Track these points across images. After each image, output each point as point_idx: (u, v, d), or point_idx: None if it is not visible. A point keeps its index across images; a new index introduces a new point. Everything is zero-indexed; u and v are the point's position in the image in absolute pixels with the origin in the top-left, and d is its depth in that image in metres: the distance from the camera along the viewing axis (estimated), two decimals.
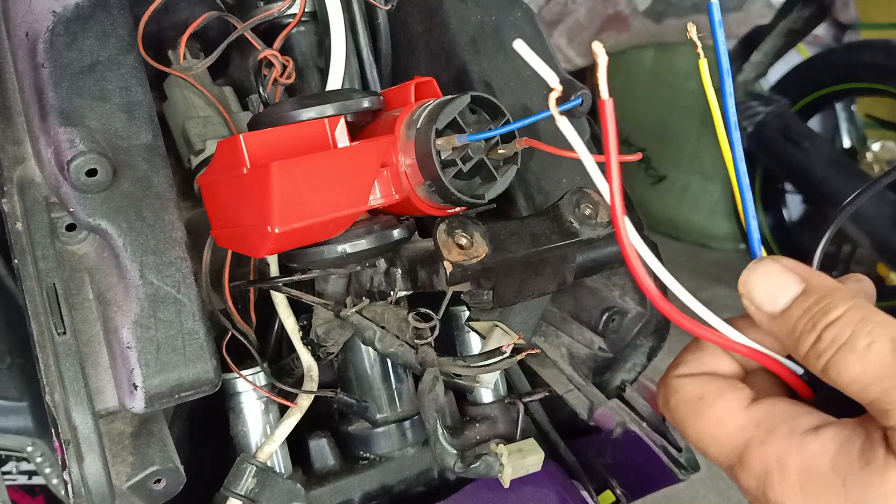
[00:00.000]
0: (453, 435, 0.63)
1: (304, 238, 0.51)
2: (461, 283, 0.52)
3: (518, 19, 0.71)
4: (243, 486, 0.58)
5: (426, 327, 0.54)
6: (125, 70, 0.55)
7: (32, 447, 0.91)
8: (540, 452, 0.62)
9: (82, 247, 0.55)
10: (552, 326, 0.75)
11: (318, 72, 0.66)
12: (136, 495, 0.53)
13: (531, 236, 0.53)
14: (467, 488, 0.64)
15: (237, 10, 0.65)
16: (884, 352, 0.36)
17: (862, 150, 2.54)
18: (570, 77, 0.69)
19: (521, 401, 0.70)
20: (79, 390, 0.51)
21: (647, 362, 0.76)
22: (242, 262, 0.63)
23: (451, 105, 0.50)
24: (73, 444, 0.51)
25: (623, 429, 0.71)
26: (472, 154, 0.51)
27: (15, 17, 0.55)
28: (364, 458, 0.67)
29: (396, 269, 0.58)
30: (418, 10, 0.71)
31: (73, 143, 0.51)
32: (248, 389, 0.63)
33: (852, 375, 0.37)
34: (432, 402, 0.55)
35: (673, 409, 0.44)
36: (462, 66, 0.68)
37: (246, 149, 0.49)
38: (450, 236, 0.50)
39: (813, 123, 2.49)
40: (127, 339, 0.51)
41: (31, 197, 0.54)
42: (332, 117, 0.53)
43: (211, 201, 0.55)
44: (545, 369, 0.73)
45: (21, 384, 0.90)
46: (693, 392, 0.44)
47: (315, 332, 0.63)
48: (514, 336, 0.56)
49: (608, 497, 0.76)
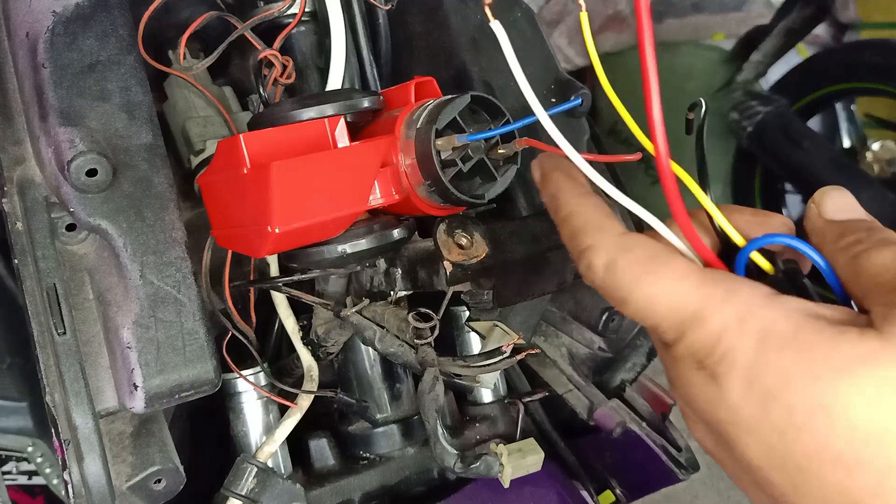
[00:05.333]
0: (453, 435, 0.63)
1: (304, 238, 0.51)
2: (461, 283, 0.52)
3: (518, 19, 0.71)
4: (243, 486, 0.58)
5: (426, 327, 0.54)
6: (125, 70, 0.55)
7: (32, 447, 0.91)
8: (540, 452, 0.62)
9: (82, 247, 0.55)
10: (552, 326, 0.75)
11: (318, 72, 0.66)
12: (137, 495, 0.53)
13: (531, 236, 0.53)
14: (467, 488, 0.64)
15: (237, 10, 0.65)
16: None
17: (862, 149, 2.54)
18: (570, 77, 0.69)
19: (521, 401, 0.70)
20: (79, 390, 0.51)
21: (646, 362, 0.76)
22: (242, 262, 0.63)
23: (451, 105, 0.50)
24: (73, 444, 0.51)
25: (623, 429, 0.71)
26: (472, 154, 0.51)
27: (15, 17, 0.55)
28: (364, 458, 0.67)
29: (396, 269, 0.58)
30: (418, 10, 0.71)
31: (73, 143, 0.51)
32: (249, 389, 0.63)
33: (881, 260, 0.37)
34: (432, 402, 0.55)
35: (621, 271, 0.41)
36: (462, 66, 0.68)
37: (246, 149, 0.49)
38: (450, 236, 0.50)
39: (813, 123, 2.49)
40: (127, 339, 0.51)
41: (32, 197, 0.54)
42: (332, 117, 0.53)
43: (211, 201, 0.55)
44: (545, 369, 0.73)
45: (21, 384, 0.90)
46: (647, 251, 0.41)
47: (315, 332, 0.63)
48: (514, 336, 0.56)
49: (608, 497, 0.76)
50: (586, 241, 0.43)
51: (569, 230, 0.44)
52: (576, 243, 0.43)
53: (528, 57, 0.69)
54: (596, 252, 0.42)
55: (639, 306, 0.40)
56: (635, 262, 0.41)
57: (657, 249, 0.41)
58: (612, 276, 0.41)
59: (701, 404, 0.39)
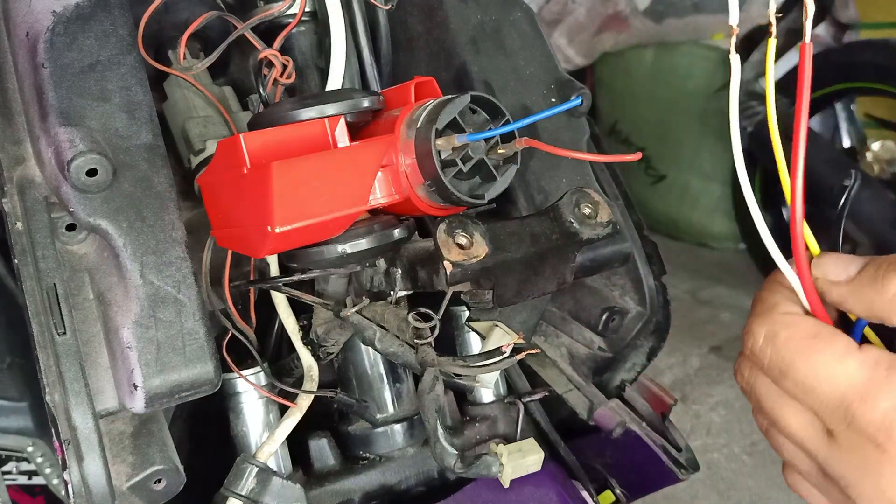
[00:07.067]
0: (453, 435, 0.63)
1: (304, 238, 0.51)
2: (461, 283, 0.52)
3: (518, 19, 0.71)
4: (243, 486, 0.58)
5: (426, 327, 0.54)
6: (125, 70, 0.55)
7: (33, 447, 0.91)
8: (540, 452, 0.62)
9: (82, 247, 0.55)
10: (552, 326, 0.75)
11: (318, 72, 0.66)
12: (137, 495, 0.53)
13: (531, 236, 0.53)
14: (467, 488, 0.64)
15: (237, 10, 0.65)
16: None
17: (862, 149, 2.54)
18: (570, 77, 0.69)
19: (521, 401, 0.70)
20: (79, 390, 0.51)
21: (646, 362, 0.76)
22: (242, 262, 0.63)
23: (451, 105, 0.50)
24: (73, 444, 0.51)
25: (623, 429, 0.71)
26: (472, 154, 0.51)
27: (15, 17, 0.55)
28: (364, 458, 0.67)
29: (396, 269, 0.58)
30: (418, 9, 0.71)
31: (73, 143, 0.51)
32: (249, 389, 0.63)
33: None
34: (432, 402, 0.55)
35: (782, 345, 0.44)
36: (462, 65, 0.68)
37: (246, 149, 0.49)
38: (450, 236, 0.50)
39: (813, 123, 2.49)
40: (127, 339, 0.51)
41: (32, 197, 0.54)
42: (332, 117, 0.53)
43: (211, 201, 0.55)
44: (545, 369, 0.73)
45: (21, 384, 0.90)
46: (808, 329, 0.44)
47: (315, 332, 0.63)
48: (514, 336, 0.56)
49: (608, 497, 0.76)
50: (752, 312, 0.47)
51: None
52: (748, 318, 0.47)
53: (528, 57, 0.69)
54: (759, 323, 0.45)
55: (799, 380, 0.43)
56: (798, 336, 0.44)
57: (819, 327, 0.44)
58: (773, 347, 0.44)
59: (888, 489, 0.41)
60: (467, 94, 0.51)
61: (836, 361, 0.42)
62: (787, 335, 0.44)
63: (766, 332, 0.45)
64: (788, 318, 0.45)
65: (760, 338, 0.45)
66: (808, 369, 0.43)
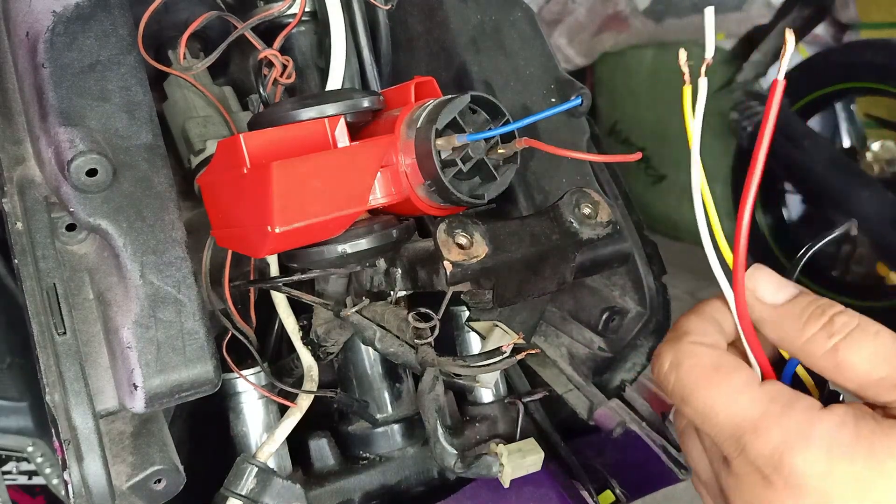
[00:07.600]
0: (453, 435, 0.63)
1: (304, 238, 0.51)
2: (461, 283, 0.52)
3: (518, 19, 0.71)
4: (243, 486, 0.58)
5: (426, 327, 0.54)
6: (125, 70, 0.55)
7: (32, 447, 0.91)
8: (540, 452, 0.62)
9: (82, 247, 0.55)
10: (552, 326, 0.75)
11: (318, 72, 0.66)
12: (137, 495, 0.53)
13: (531, 236, 0.53)
14: (467, 488, 0.64)
15: (237, 10, 0.65)
16: (891, 338, 0.42)
17: (862, 149, 2.54)
18: (570, 77, 0.69)
19: (521, 401, 0.70)
20: (79, 390, 0.51)
21: (646, 362, 0.76)
22: (242, 262, 0.63)
23: (451, 105, 0.50)
24: (73, 444, 0.51)
25: (623, 428, 0.71)
26: (472, 154, 0.51)
27: (15, 17, 0.55)
28: (364, 458, 0.67)
29: (396, 269, 0.58)
30: (418, 9, 0.71)
31: (73, 143, 0.51)
32: (249, 389, 0.63)
33: (865, 354, 0.41)
34: (432, 402, 0.55)
35: (684, 374, 0.45)
36: (462, 65, 0.68)
37: (246, 149, 0.49)
38: (450, 236, 0.50)
39: (813, 123, 2.49)
40: (127, 339, 0.51)
41: (32, 197, 0.54)
42: (332, 117, 0.53)
43: (211, 201, 0.55)
44: (545, 369, 0.73)
45: (21, 384, 0.90)
46: (710, 360, 0.45)
47: (315, 332, 0.63)
48: (514, 336, 0.56)
49: (608, 497, 0.76)
50: (664, 338, 0.48)
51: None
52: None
53: (528, 57, 0.69)
54: (667, 350, 0.47)
55: (698, 410, 0.44)
56: (700, 366, 0.45)
57: (723, 360, 0.45)
58: (674, 376, 0.46)
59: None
60: (467, 94, 0.51)
61: (735, 393, 0.43)
62: (690, 364, 0.45)
63: (672, 360, 0.46)
64: (694, 347, 0.46)
65: (666, 364, 0.46)
66: (706, 399, 0.44)
